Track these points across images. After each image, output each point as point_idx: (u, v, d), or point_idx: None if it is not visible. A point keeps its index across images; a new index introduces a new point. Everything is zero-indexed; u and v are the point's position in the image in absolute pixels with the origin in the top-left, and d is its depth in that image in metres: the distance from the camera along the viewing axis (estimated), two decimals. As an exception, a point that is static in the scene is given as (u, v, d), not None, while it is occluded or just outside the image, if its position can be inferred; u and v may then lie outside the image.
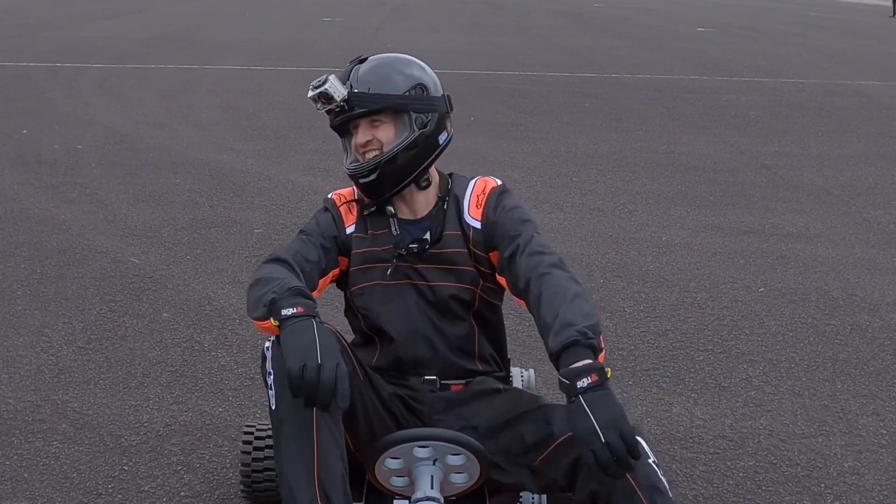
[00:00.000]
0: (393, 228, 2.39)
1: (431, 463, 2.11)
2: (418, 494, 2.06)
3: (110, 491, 2.86)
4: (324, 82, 2.27)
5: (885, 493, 2.97)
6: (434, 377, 2.37)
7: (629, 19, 23.14)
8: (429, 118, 2.35)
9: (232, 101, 9.73)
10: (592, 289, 4.64)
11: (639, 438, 2.03)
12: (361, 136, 2.33)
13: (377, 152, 2.32)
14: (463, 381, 2.40)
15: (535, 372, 2.97)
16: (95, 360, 3.73)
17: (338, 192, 2.52)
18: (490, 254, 2.37)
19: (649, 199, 6.39)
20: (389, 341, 2.39)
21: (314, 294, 2.28)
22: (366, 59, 2.38)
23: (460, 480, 2.17)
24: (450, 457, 2.11)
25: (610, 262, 5.07)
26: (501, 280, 2.34)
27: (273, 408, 2.12)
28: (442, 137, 2.39)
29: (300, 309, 2.06)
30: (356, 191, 2.46)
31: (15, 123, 8.25)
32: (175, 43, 14.82)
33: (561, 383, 1.95)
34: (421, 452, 2.11)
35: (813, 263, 5.17)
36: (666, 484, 2.09)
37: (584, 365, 1.93)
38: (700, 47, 16.66)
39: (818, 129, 9.13)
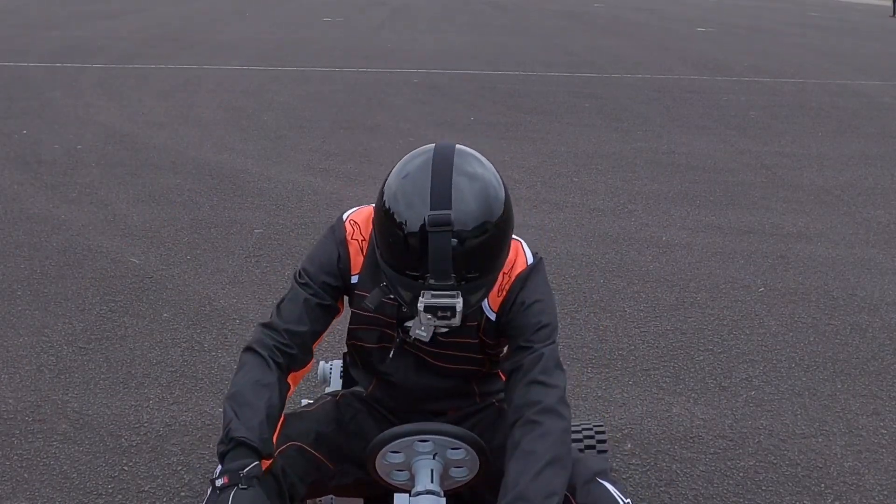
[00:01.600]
0: (403, 305, 2.08)
1: (431, 457, 2.13)
2: (419, 488, 2.07)
3: (110, 491, 2.86)
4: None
5: (886, 493, 2.97)
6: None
7: (629, 19, 23.14)
8: None
9: (232, 101, 9.73)
10: (592, 289, 4.65)
11: (608, 485, 2.07)
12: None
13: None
14: (459, 406, 2.36)
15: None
16: (95, 360, 3.73)
17: (352, 218, 2.20)
18: (500, 339, 2.22)
19: (649, 199, 6.39)
20: (386, 384, 2.31)
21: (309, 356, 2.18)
22: (450, 224, 1.86)
23: (460, 475, 2.19)
24: (450, 451, 2.13)
25: (610, 262, 5.07)
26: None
27: None
28: None
29: (226, 480, 1.96)
30: (372, 225, 2.07)
31: (15, 123, 8.25)
32: (175, 43, 14.82)
33: None
34: (421, 447, 2.12)
35: (813, 263, 5.17)
36: None
37: None
38: (700, 47, 16.65)
39: (818, 129, 9.13)
